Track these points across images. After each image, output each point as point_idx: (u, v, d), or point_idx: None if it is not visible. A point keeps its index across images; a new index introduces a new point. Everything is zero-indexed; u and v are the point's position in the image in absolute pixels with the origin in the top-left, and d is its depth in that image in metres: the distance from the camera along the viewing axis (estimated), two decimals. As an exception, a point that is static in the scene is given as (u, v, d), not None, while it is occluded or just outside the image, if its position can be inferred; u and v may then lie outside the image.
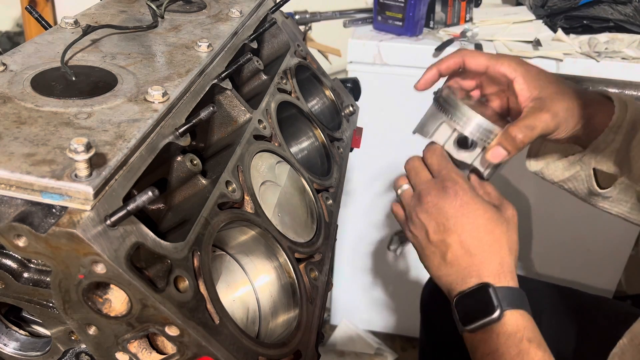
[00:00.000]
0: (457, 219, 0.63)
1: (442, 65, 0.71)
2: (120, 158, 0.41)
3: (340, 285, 1.79)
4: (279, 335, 0.56)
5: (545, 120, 0.64)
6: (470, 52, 0.70)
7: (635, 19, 1.38)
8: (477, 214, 0.63)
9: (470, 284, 0.62)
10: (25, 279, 0.45)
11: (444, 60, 0.71)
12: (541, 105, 0.65)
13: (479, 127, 0.65)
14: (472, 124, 0.65)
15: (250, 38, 0.72)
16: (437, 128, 0.68)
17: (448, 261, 0.64)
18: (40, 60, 0.55)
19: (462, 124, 0.65)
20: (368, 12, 1.52)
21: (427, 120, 0.70)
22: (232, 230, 0.56)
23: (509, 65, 0.67)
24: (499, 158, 0.65)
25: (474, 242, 0.63)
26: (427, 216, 0.65)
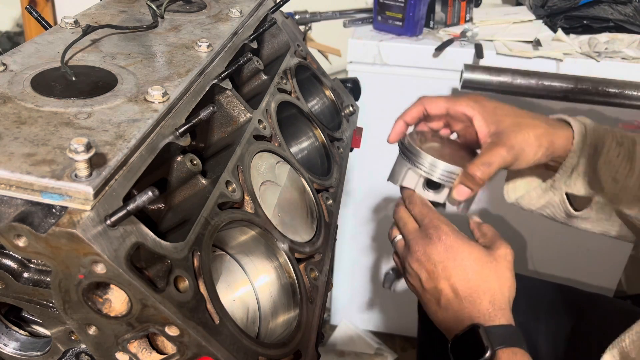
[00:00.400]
0: (444, 264, 0.65)
1: (406, 117, 0.76)
2: (120, 158, 0.41)
3: (340, 285, 1.79)
4: (279, 335, 0.56)
5: (502, 154, 0.67)
6: (429, 99, 0.74)
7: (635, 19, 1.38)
8: (462, 256, 0.65)
9: (463, 327, 0.63)
10: (25, 279, 0.45)
11: (407, 111, 0.76)
12: (497, 140, 0.68)
13: (441, 170, 0.69)
14: (432, 167, 0.70)
15: (250, 38, 0.72)
16: (404, 175, 0.73)
17: (442, 306, 0.65)
18: (40, 60, 0.55)
19: (424, 169, 0.70)
20: (368, 12, 1.52)
21: (395, 168, 0.75)
22: (232, 230, 0.56)
23: (467, 104, 0.71)
24: (464, 196, 0.69)
25: (462, 284, 0.64)
26: (419, 265, 0.67)
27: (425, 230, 0.68)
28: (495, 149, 0.67)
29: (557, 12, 1.45)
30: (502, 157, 0.67)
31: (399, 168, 0.74)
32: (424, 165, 0.70)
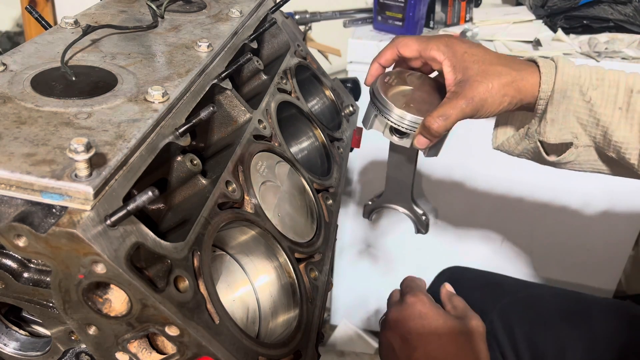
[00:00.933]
0: (419, 332, 0.65)
1: (381, 59, 0.75)
2: (120, 158, 0.41)
3: (340, 285, 1.79)
4: (279, 335, 0.56)
5: (460, 106, 0.66)
6: (403, 40, 0.73)
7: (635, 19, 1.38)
8: (437, 324, 0.65)
9: None
10: (25, 279, 0.45)
11: (381, 53, 0.75)
12: (459, 90, 0.67)
13: (406, 121, 0.71)
14: (398, 118, 0.71)
15: (250, 38, 0.72)
16: (372, 120, 0.75)
17: None
18: (40, 60, 0.55)
19: (390, 119, 0.71)
20: (368, 12, 1.52)
21: (366, 112, 0.76)
22: (232, 230, 0.56)
23: (438, 49, 0.69)
24: (424, 145, 0.70)
25: (439, 353, 0.64)
26: (392, 334, 0.68)
27: (403, 298, 0.70)
28: (454, 101, 0.66)
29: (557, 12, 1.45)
30: (460, 109, 0.66)
31: (368, 113, 0.76)
32: (390, 115, 0.71)
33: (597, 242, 1.58)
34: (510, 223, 1.59)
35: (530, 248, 1.63)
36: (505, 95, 0.67)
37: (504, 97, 0.67)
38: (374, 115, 0.74)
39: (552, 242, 1.61)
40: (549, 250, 1.62)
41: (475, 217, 1.59)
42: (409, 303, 0.68)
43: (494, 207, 1.56)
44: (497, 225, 1.60)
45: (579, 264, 1.63)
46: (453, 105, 0.66)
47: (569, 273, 1.64)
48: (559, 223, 1.57)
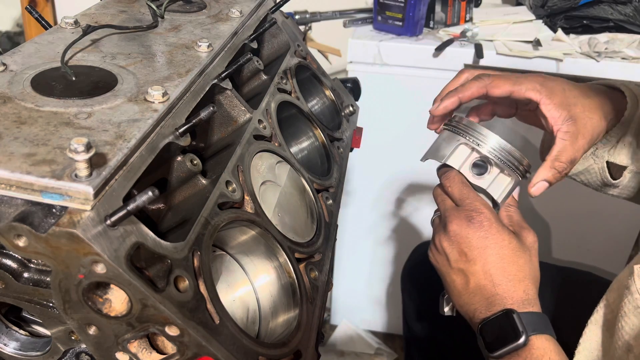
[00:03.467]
0: (480, 250, 0.63)
1: (464, 94, 0.70)
2: (120, 158, 0.41)
3: (340, 285, 1.79)
4: (279, 335, 0.56)
5: (583, 147, 0.66)
6: (494, 82, 0.69)
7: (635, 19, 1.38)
8: (502, 244, 0.63)
9: (494, 311, 0.62)
10: (25, 279, 0.45)
11: (467, 88, 0.70)
12: (575, 131, 0.66)
13: (501, 147, 0.65)
14: (494, 144, 0.65)
15: (250, 38, 0.72)
16: (453, 150, 0.67)
17: (471, 290, 0.64)
18: (40, 60, 0.55)
19: (483, 145, 0.65)
20: (368, 12, 1.52)
21: (441, 145, 0.69)
22: (232, 230, 0.56)
23: (534, 88, 0.67)
24: (540, 191, 0.68)
25: (498, 272, 0.63)
26: (450, 244, 0.65)
27: (466, 212, 0.65)
28: (575, 143, 0.65)
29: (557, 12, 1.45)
30: (583, 149, 0.66)
31: (446, 144, 0.68)
32: (483, 141, 0.65)
33: (597, 242, 1.58)
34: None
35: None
36: (606, 123, 0.69)
37: (605, 126, 0.69)
38: (458, 144, 0.67)
39: (552, 242, 1.61)
40: (548, 250, 1.62)
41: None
42: (473, 218, 0.64)
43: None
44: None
45: (579, 263, 1.63)
46: (576, 148, 0.65)
47: (569, 273, 1.64)
48: (558, 223, 1.57)
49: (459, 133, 0.67)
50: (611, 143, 0.73)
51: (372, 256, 1.72)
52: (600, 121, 0.67)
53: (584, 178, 0.80)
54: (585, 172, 0.78)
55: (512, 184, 0.67)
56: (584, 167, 0.77)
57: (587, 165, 0.77)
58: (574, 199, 1.51)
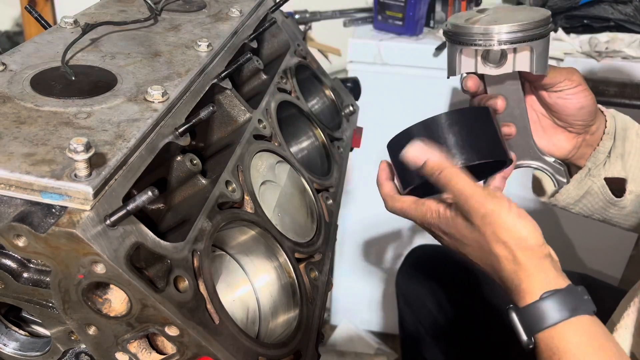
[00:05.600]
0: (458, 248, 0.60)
1: None
2: (120, 158, 0.41)
3: (340, 285, 1.79)
4: (279, 335, 0.55)
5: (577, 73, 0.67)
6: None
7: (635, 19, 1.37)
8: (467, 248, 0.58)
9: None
10: (25, 279, 0.45)
11: None
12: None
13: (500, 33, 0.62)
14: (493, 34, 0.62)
15: (250, 37, 0.72)
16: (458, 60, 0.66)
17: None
18: (39, 59, 0.55)
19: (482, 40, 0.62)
20: (368, 12, 1.52)
21: (449, 62, 0.68)
22: (232, 230, 0.56)
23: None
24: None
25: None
26: (438, 234, 0.61)
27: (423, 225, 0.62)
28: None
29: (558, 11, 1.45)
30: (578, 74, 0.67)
31: (451, 57, 0.67)
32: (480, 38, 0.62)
33: (597, 242, 1.58)
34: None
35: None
36: (594, 104, 0.70)
37: (594, 117, 0.70)
38: (459, 52, 0.65)
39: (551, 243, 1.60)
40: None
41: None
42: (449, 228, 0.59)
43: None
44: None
45: (579, 264, 1.63)
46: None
47: (569, 273, 1.64)
48: (559, 223, 1.57)
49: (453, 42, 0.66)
50: (602, 159, 0.74)
51: (372, 256, 1.72)
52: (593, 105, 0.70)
53: (586, 203, 0.79)
54: (586, 195, 0.77)
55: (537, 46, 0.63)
56: (584, 190, 0.76)
57: (586, 188, 0.76)
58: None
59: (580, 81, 0.68)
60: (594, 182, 0.75)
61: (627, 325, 0.61)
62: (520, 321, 0.54)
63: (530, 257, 0.54)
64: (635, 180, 0.74)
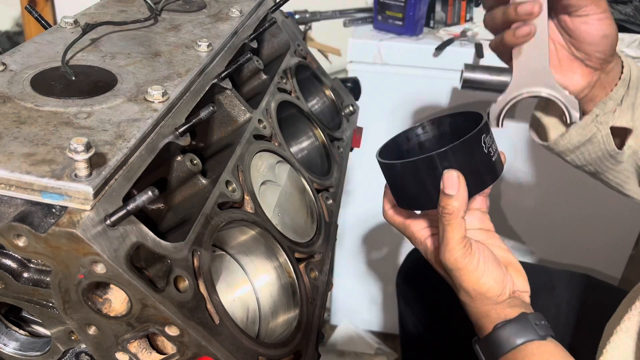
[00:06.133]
0: None
1: None
2: (120, 158, 0.41)
3: (340, 285, 1.79)
4: (279, 335, 0.56)
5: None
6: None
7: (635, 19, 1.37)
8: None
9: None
10: (25, 279, 0.45)
11: None
12: None
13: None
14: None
15: (250, 37, 0.72)
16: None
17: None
18: (40, 59, 0.55)
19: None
20: (368, 12, 1.52)
21: None
22: (232, 230, 0.56)
23: None
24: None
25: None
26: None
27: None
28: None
29: (558, 11, 1.45)
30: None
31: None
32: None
33: (597, 242, 1.58)
34: (508, 222, 1.59)
35: (529, 247, 1.63)
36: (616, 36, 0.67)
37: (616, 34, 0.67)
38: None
39: (552, 242, 1.61)
40: (549, 250, 1.62)
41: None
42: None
43: (491, 204, 1.56)
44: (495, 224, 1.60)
45: (578, 264, 1.63)
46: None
47: (569, 273, 1.64)
48: (558, 223, 1.57)
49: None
50: (612, 106, 0.71)
51: (372, 256, 1.72)
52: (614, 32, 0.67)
53: (584, 151, 0.75)
54: (587, 143, 0.74)
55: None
56: (586, 137, 0.73)
57: (589, 135, 0.73)
58: (573, 199, 1.51)
59: (606, 8, 0.65)
60: (599, 130, 0.73)
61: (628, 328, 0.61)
62: (482, 351, 0.61)
63: (487, 304, 0.60)
64: (637, 135, 0.72)
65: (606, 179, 0.79)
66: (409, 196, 0.61)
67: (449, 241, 0.58)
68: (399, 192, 0.63)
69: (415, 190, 0.59)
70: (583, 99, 0.72)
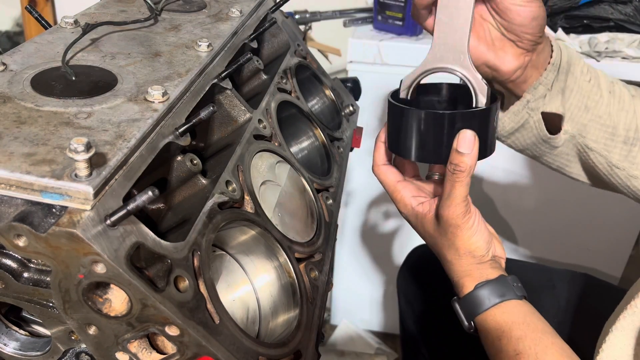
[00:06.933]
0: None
1: None
2: (120, 158, 0.41)
3: (340, 285, 1.79)
4: (279, 335, 0.56)
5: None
6: None
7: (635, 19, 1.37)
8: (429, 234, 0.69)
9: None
10: (25, 279, 0.45)
11: None
12: None
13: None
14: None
15: (250, 37, 0.72)
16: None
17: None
18: (40, 59, 0.55)
19: None
20: (368, 12, 1.52)
21: None
22: (232, 230, 0.56)
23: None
24: None
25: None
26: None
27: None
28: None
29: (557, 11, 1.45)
30: None
31: None
32: None
33: (597, 242, 1.58)
34: (509, 222, 1.59)
35: (529, 247, 1.63)
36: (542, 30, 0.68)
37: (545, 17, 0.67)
38: None
39: (552, 242, 1.61)
40: (548, 250, 1.62)
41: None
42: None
43: (492, 205, 1.56)
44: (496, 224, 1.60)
45: (578, 263, 1.63)
46: None
47: (569, 273, 1.64)
48: (558, 223, 1.57)
49: None
50: (542, 91, 0.71)
51: (372, 256, 1.72)
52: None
53: (519, 137, 0.76)
54: (520, 128, 0.75)
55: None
56: (519, 123, 0.74)
57: (522, 121, 0.74)
58: (573, 199, 1.51)
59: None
60: (530, 116, 0.73)
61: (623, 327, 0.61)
62: (462, 309, 0.65)
63: (472, 263, 0.65)
64: (572, 119, 0.73)
65: (546, 162, 0.80)
66: (418, 146, 0.65)
67: (455, 197, 0.62)
68: (407, 140, 0.65)
69: (430, 141, 0.64)
70: (517, 80, 0.72)
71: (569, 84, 0.71)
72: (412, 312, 1.14)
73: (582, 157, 0.76)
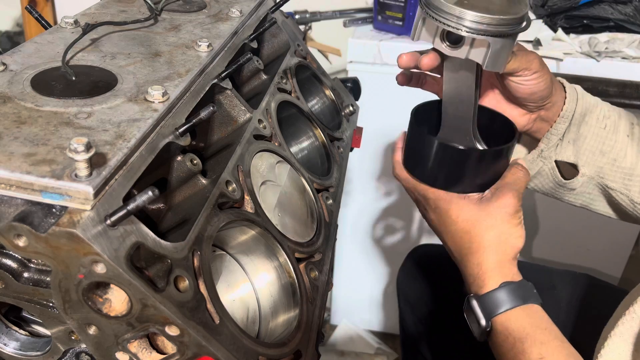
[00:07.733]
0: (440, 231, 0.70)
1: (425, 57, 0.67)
2: (120, 158, 0.41)
3: (340, 285, 1.79)
4: (279, 335, 0.56)
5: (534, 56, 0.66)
6: None
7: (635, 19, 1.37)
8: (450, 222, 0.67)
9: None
10: (25, 279, 0.45)
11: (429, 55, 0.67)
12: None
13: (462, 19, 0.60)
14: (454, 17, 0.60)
15: (250, 38, 0.72)
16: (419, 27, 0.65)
17: None
18: (40, 60, 0.55)
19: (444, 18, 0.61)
20: (368, 12, 1.52)
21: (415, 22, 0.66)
22: (232, 230, 0.56)
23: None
24: None
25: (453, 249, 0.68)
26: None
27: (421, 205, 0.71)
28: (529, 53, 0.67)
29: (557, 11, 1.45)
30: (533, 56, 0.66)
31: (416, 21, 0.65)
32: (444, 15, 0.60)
33: (597, 242, 1.58)
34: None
35: (530, 247, 1.63)
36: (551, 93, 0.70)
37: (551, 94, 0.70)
38: (422, 19, 0.63)
39: (552, 242, 1.61)
40: (548, 250, 1.62)
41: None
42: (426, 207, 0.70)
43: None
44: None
45: (578, 264, 1.63)
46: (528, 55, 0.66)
47: (569, 273, 1.64)
48: (558, 223, 1.57)
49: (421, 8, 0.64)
50: (555, 141, 0.74)
51: (372, 256, 1.72)
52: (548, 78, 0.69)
53: (537, 182, 0.80)
54: (537, 175, 0.78)
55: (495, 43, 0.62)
56: (535, 171, 0.77)
57: (537, 168, 0.77)
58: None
59: (538, 68, 0.66)
60: (544, 164, 0.76)
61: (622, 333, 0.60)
62: (480, 307, 0.62)
63: (505, 257, 0.63)
64: (588, 164, 0.74)
65: (568, 202, 0.82)
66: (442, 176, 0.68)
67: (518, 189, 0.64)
68: (431, 169, 0.68)
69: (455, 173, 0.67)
70: (530, 131, 0.76)
71: (583, 132, 0.73)
72: (412, 312, 1.14)
73: (605, 194, 0.78)
